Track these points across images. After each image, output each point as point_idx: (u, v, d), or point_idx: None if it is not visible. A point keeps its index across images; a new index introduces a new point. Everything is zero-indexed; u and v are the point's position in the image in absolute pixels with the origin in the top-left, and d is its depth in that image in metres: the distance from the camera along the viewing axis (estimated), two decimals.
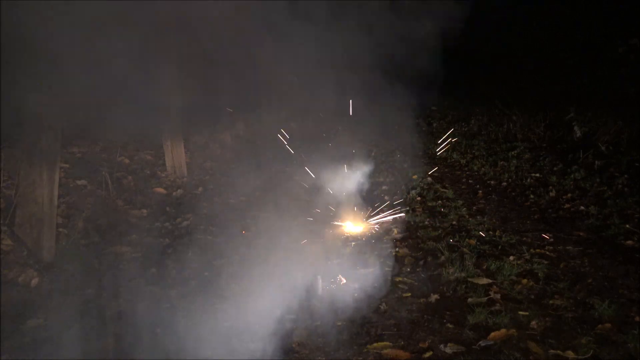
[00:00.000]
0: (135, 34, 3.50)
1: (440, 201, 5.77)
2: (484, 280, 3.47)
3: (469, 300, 3.19)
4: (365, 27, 4.96)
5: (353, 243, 4.47)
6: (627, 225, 4.57)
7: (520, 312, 3.01)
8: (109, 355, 2.58)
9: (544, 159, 7.48)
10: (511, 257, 3.90)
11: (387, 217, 5.13)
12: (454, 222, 4.93)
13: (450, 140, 4.79)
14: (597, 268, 3.72)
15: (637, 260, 3.85)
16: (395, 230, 4.78)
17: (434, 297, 3.26)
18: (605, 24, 8.04)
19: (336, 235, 4.72)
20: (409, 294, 3.34)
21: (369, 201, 5.33)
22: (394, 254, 4.14)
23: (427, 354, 2.59)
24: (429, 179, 6.86)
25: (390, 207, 5.43)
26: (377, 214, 5.18)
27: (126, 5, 3.42)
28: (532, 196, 5.91)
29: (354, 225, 4.99)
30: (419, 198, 5.90)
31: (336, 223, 4.99)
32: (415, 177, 6.95)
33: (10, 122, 3.54)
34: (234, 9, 4.01)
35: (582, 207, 5.29)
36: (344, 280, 3.59)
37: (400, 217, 5.15)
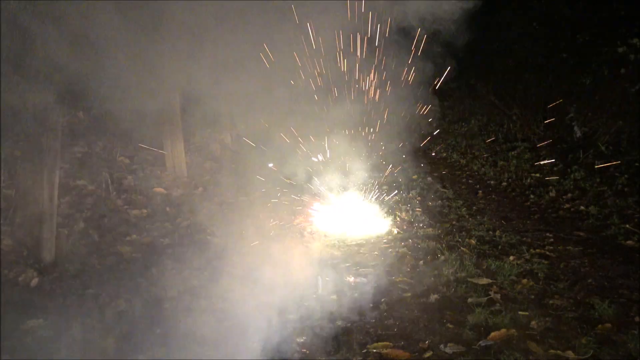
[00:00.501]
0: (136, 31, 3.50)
1: (440, 201, 5.77)
2: (484, 280, 3.47)
3: (469, 300, 3.19)
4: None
5: (353, 243, 4.47)
6: (627, 225, 4.57)
7: (520, 312, 3.00)
8: (109, 355, 2.58)
9: (544, 159, 7.47)
10: (511, 257, 3.90)
11: (387, 217, 5.13)
12: (454, 222, 4.93)
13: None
14: (597, 268, 3.72)
15: (637, 260, 3.85)
16: (396, 230, 4.78)
17: (434, 297, 3.26)
18: (605, 24, 8.03)
19: (336, 235, 4.72)
20: (409, 294, 3.33)
21: (369, 201, 5.33)
22: (394, 253, 4.14)
23: (427, 354, 2.59)
24: (429, 178, 6.86)
25: (390, 206, 5.44)
26: (377, 214, 5.18)
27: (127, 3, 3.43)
28: (532, 196, 5.91)
29: (353, 225, 4.99)
30: (419, 198, 5.90)
31: (336, 223, 4.99)
32: (415, 177, 6.95)
33: (10, 122, 3.53)
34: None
35: (582, 207, 5.29)
36: (345, 280, 3.59)
37: (400, 216, 5.15)
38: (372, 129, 5.70)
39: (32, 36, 3.19)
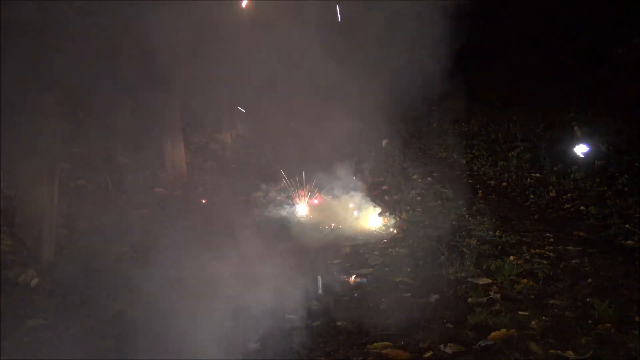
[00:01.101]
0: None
1: (440, 201, 5.77)
2: (484, 280, 3.47)
3: (469, 300, 3.19)
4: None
5: (353, 243, 4.47)
6: (627, 225, 4.56)
7: (520, 312, 3.00)
8: (109, 355, 2.58)
9: (544, 159, 7.47)
10: (511, 257, 3.90)
11: (387, 217, 5.13)
12: (454, 222, 4.93)
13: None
14: (597, 268, 3.72)
15: (637, 260, 3.85)
16: (395, 230, 4.78)
17: (434, 297, 3.25)
18: (605, 24, 8.04)
19: (336, 235, 4.72)
20: (409, 294, 3.33)
21: (369, 201, 5.33)
22: (394, 253, 4.14)
23: (427, 354, 2.59)
24: (429, 179, 6.86)
25: (390, 206, 5.44)
26: (377, 214, 5.18)
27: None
28: (532, 196, 5.90)
29: (353, 225, 4.99)
30: (418, 198, 5.90)
31: (336, 223, 4.99)
32: (415, 177, 6.95)
33: (10, 122, 3.53)
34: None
35: (582, 207, 5.28)
36: (345, 280, 3.59)
37: (399, 216, 5.15)
38: None
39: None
